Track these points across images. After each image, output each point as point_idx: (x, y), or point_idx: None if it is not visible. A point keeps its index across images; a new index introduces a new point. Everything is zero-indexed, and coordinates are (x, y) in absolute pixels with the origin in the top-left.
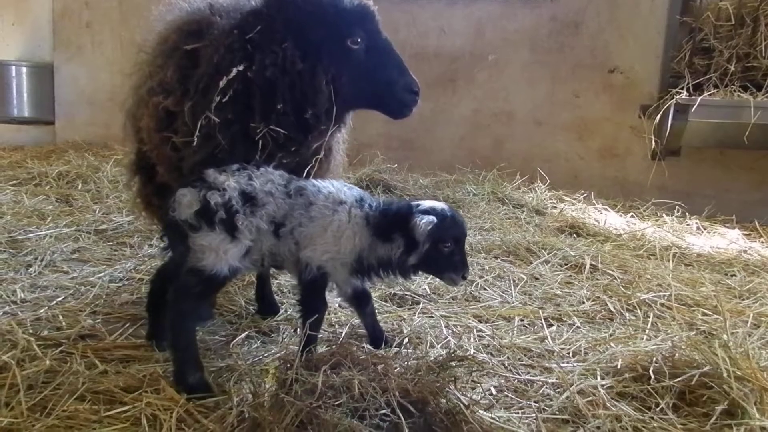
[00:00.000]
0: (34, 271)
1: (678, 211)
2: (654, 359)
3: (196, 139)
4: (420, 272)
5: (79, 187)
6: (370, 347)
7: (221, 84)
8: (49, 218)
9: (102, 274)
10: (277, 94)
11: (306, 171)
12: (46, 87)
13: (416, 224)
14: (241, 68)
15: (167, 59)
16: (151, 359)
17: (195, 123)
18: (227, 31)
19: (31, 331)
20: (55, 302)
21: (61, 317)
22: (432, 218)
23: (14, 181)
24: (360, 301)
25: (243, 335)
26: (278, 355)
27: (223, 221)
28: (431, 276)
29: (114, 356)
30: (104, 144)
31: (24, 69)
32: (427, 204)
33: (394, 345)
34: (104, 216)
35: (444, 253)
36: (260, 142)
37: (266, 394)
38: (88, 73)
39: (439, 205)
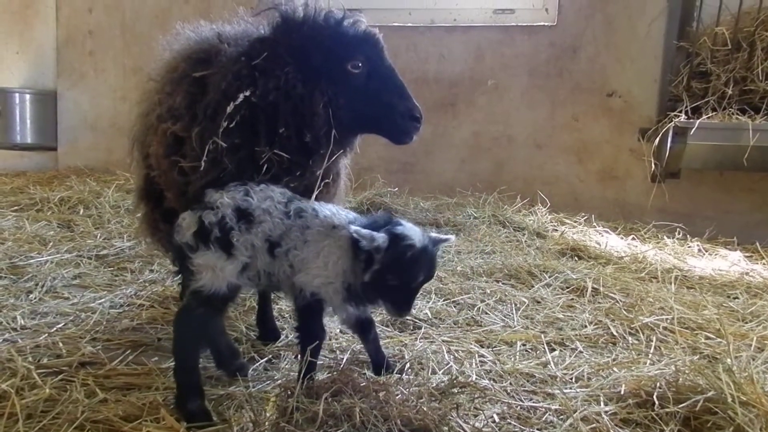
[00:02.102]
0: (35, 298)
1: (679, 233)
2: (658, 384)
3: (203, 164)
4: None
5: (81, 212)
6: (372, 374)
7: (228, 109)
8: (51, 244)
9: (103, 300)
10: (279, 119)
11: (314, 194)
12: (49, 113)
13: (369, 238)
14: (247, 93)
15: (176, 86)
16: (151, 387)
17: (203, 148)
18: (234, 57)
19: (30, 358)
20: (55, 329)
21: (61, 344)
22: (383, 237)
23: (16, 207)
24: (362, 327)
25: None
26: (279, 382)
27: (218, 239)
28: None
29: (114, 384)
30: (106, 169)
31: (27, 96)
32: (405, 228)
33: (396, 371)
34: (105, 241)
35: (391, 282)
36: (265, 167)
37: (267, 423)
38: (90, 99)
39: (418, 235)
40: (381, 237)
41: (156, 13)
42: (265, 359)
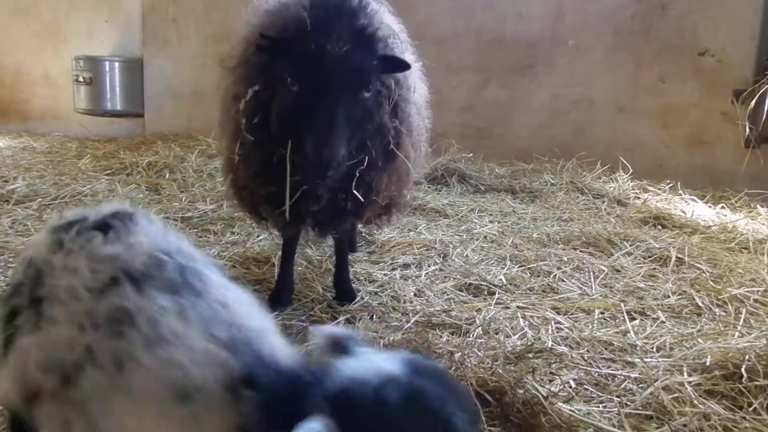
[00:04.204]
0: None
1: None
2: (747, 357)
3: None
4: None
5: (167, 176)
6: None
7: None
8: (140, 206)
9: None
10: None
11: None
12: (137, 81)
13: None
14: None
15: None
16: None
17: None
18: None
19: None
20: None
21: None
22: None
23: (108, 171)
24: None
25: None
26: None
27: None
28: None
29: None
30: (189, 135)
31: (117, 64)
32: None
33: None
34: (190, 204)
35: None
36: None
37: None
38: (173, 67)
39: (368, 393)
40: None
41: None
42: (343, 318)
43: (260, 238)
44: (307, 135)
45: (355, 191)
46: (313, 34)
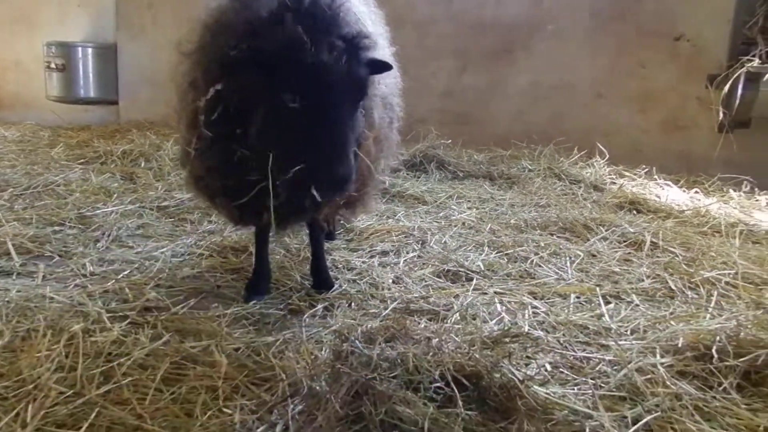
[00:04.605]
0: (102, 246)
1: (746, 186)
2: (717, 338)
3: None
4: None
5: (142, 165)
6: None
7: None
8: (115, 195)
9: (165, 249)
10: None
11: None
12: (110, 67)
13: None
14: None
15: None
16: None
17: None
18: None
19: (100, 303)
20: (121, 276)
21: (127, 290)
22: None
23: (82, 160)
24: None
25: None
26: (334, 328)
27: None
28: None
29: (176, 327)
30: (165, 123)
31: (90, 50)
32: None
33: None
34: (166, 193)
35: None
36: None
37: (323, 366)
38: (149, 53)
39: None
40: None
41: None
42: (321, 306)
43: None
44: (316, 152)
45: (314, 191)
46: (307, 46)
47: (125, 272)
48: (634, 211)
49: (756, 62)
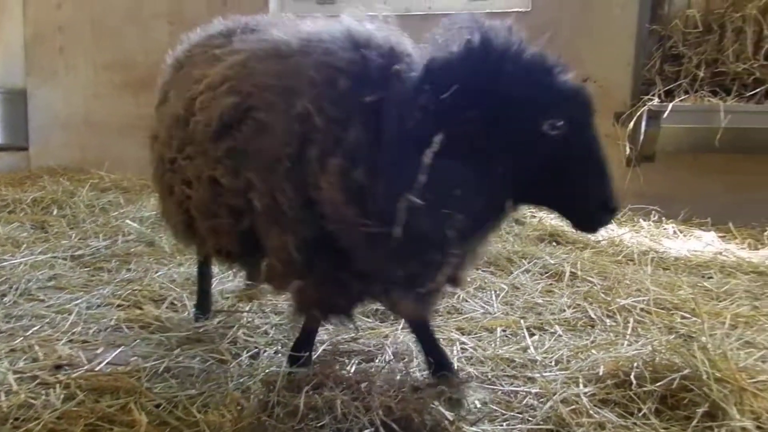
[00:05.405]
0: (9, 301)
1: (654, 216)
2: (635, 364)
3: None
4: None
5: (55, 212)
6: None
7: (426, 159)
8: (24, 245)
9: (79, 301)
10: None
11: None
12: (20, 113)
13: None
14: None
15: (345, 112)
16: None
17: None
18: (415, 84)
19: (6, 363)
20: (30, 332)
21: (37, 347)
22: None
23: None
24: None
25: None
26: (260, 377)
27: None
28: None
29: (92, 385)
30: (80, 168)
31: None
32: None
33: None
34: (80, 241)
35: None
36: None
37: (247, 419)
38: (62, 97)
39: None
40: None
41: (127, 6)
42: (247, 354)
43: (159, 273)
44: None
45: None
46: None
47: (35, 328)
48: (554, 243)
49: (656, 101)
